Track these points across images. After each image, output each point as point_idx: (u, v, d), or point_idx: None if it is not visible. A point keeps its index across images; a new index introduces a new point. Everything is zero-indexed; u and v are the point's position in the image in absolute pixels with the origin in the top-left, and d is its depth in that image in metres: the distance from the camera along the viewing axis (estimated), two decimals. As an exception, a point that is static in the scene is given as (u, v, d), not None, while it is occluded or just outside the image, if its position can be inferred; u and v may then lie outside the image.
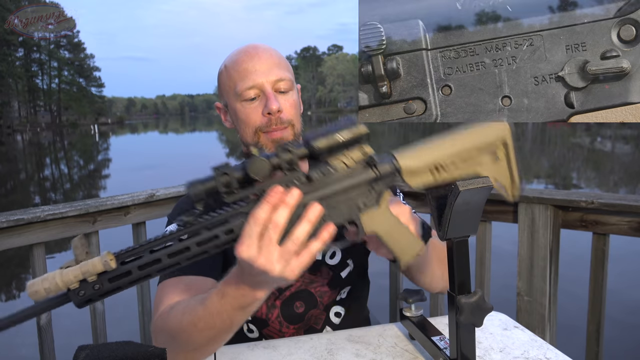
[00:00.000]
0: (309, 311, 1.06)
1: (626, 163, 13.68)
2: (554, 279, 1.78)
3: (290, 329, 1.06)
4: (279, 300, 1.05)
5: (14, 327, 0.61)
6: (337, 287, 1.07)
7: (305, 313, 1.06)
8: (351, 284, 1.09)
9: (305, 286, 1.05)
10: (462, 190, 0.68)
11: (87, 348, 0.74)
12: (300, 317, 1.06)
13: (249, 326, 1.07)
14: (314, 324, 1.07)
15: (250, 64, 1.00)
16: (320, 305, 1.06)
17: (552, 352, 0.89)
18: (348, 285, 1.09)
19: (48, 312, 1.70)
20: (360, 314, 1.16)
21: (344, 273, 1.07)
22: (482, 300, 0.73)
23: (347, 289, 1.10)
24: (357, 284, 1.11)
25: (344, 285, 1.08)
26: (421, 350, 0.91)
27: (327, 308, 1.08)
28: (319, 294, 1.06)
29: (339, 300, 1.09)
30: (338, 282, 1.07)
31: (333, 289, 1.06)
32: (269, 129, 0.99)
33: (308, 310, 1.06)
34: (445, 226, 0.71)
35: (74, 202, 1.81)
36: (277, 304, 1.05)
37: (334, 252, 1.06)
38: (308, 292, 1.05)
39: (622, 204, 1.58)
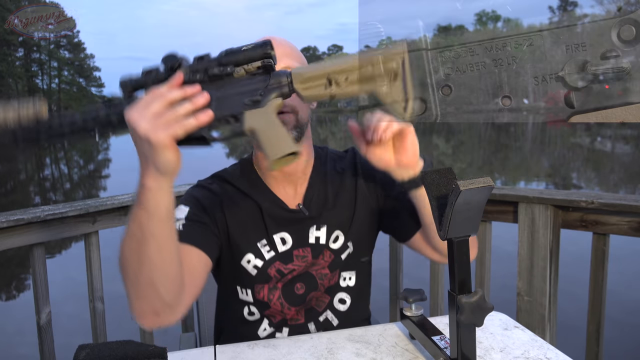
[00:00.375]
0: (309, 293, 1.07)
1: (626, 163, 13.68)
2: (554, 279, 1.78)
3: (292, 310, 1.07)
4: (281, 283, 1.06)
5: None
6: (337, 269, 1.08)
7: (306, 295, 1.07)
8: (354, 269, 1.10)
9: (307, 269, 1.06)
10: (463, 190, 0.68)
11: (88, 347, 0.75)
12: (302, 299, 1.07)
13: (250, 309, 1.08)
14: (316, 306, 1.08)
15: None
16: (320, 287, 1.07)
17: (552, 352, 0.89)
18: (349, 269, 1.09)
19: (48, 312, 1.70)
20: (364, 312, 1.16)
21: (344, 255, 1.08)
22: (482, 300, 0.74)
23: (352, 275, 1.10)
24: (361, 276, 1.11)
25: (344, 268, 1.09)
26: (421, 350, 0.91)
27: (330, 291, 1.08)
28: (319, 276, 1.07)
29: (345, 288, 1.09)
30: (337, 263, 1.08)
31: (333, 271, 1.07)
32: None
33: (309, 292, 1.07)
34: (446, 226, 0.71)
35: (74, 202, 1.82)
36: (279, 286, 1.06)
37: (337, 237, 1.07)
38: (309, 274, 1.06)
39: (622, 204, 1.58)
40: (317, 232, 1.05)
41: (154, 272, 0.76)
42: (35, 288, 1.67)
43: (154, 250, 0.75)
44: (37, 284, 1.67)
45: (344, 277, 1.09)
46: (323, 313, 1.09)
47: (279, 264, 1.04)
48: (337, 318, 1.09)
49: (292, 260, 1.05)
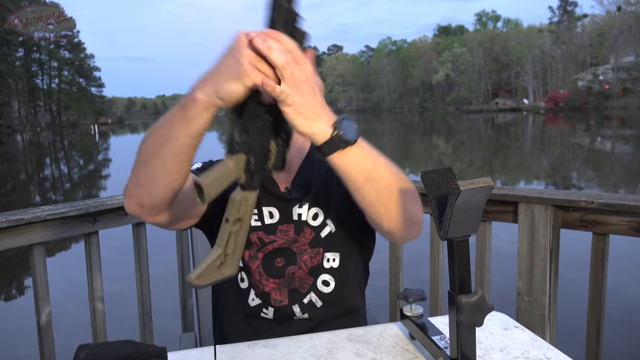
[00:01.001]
0: (288, 267, 1.09)
1: (626, 163, 13.69)
2: (554, 279, 1.78)
3: (270, 282, 1.09)
4: (261, 253, 1.09)
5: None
6: (319, 247, 1.09)
7: (285, 268, 1.09)
8: (339, 251, 1.10)
9: (289, 245, 1.09)
10: (463, 190, 0.68)
11: (88, 347, 0.75)
12: (280, 272, 1.09)
13: (241, 274, 1.12)
14: (299, 287, 1.10)
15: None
16: (301, 263, 1.09)
17: (552, 352, 0.89)
18: (332, 250, 1.10)
19: (48, 312, 1.70)
20: (352, 300, 1.15)
21: (323, 233, 1.10)
22: (482, 300, 0.73)
23: (336, 257, 1.10)
24: (347, 259, 1.11)
25: (328, 249, 1.10)
26: (421, 350, 0.91)
27: (313, 272, 1.09)
28: (299, 252, 1.09)
29: (329, 269, 1.10)
30: (317, 241, 1.09)
31: (312, 247, 1.09)
32: None
33: (287, 265, 1.09)
34: (446, 226, 0.71)
35: (74, 202, 1.82)
36: (259, 256, 1.09)
37: (316, 214, 1.09)
38: (290, 251, 1.09)
39: (622, 204, 1.58)
40: (299, 209, 1.09)
41: (159, 170, 0.81)
42: (35, 288, 1.67)
43: (170, 153, 0.79)
44: (37, 284, 1.67)
45: (327, 258, 1.10)
46: (307, 295, 1.10)
47: (262, 234, 1.09)
48: (320, 300, 1.10)
49: (275, 233, 1.09)
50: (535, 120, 44.30)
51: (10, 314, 4.34)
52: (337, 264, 1.11)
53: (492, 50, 79.79)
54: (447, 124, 45.09)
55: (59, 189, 13.80)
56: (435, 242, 2.01)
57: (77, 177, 16.75)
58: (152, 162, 0.81)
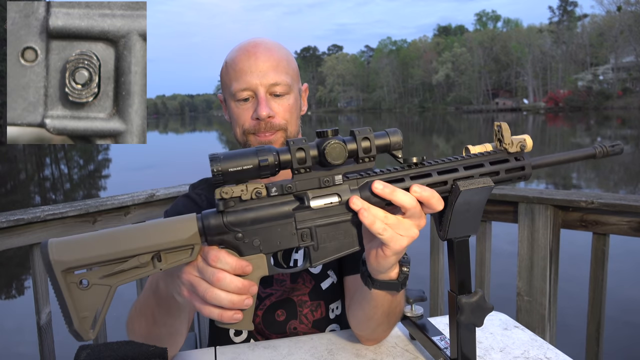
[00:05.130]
0: (289, 321, 1.04)
1: (626, 163, 13.68)
2: (554, 279, 1.78)
3: (273, 337, 1.04)
4: (260, 311, 1.04)
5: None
6: (320, 300, 1.05)
7: (286, 323, 1.04)
8: (339, 298, 1.07)
9: (287, 294, 1.04)
10: (463, 190, 0.68)
11: (88, 347, 0.75)
12: (282, 328, 1.04)
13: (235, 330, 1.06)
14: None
15: (247, 64, 0.98)
16: (302, 317, 1.04)
17: (552, 352, 0.89)
18: (333, 300, 1.07)
19: (48, 312, 1.70)
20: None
21: (325, 284, 1.05)
22: (482, 300, 0.74)
23: (339, 305, 1.08)
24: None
25: (329, 300, 1.06)
26: (421, 350, 0.91)
27: (319, 325, 1.05)
28: (299, 303, 1.04)
29: (334, 319, 1.07)
30: (318, 293, 1.05)
31: (313, 300, 1.05)
32: (257, 132, 1.00)
33: (288, 320, 1.04)
34: (446, 226, 0.71)
35: (74, 202, 1.81)
36: (259, 314, 1.04)
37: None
38: (289, 300, 1.04)
39: (622, 204, 1.58)
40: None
41: (163, 331, 0.84)
42: (35, 288, 1.67)
43: (165, 330, 0.83)
44: (37, 284, 1.67)
45: (332, 309, 1.07)
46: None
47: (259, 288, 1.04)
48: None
49: (272, 285, 1.04)
50: (535, 120, 44.28)
51: (10, 314, 4.34)
52: (340, 310, 1.08)
53: (492, 50, 79.72)
54: (447, 124, 45.05)
55: (59, 189, 13.80)
56: (435, 242, 2.01)
57: (77, 177, 16.75)
58: (154, 329, 0.84)
